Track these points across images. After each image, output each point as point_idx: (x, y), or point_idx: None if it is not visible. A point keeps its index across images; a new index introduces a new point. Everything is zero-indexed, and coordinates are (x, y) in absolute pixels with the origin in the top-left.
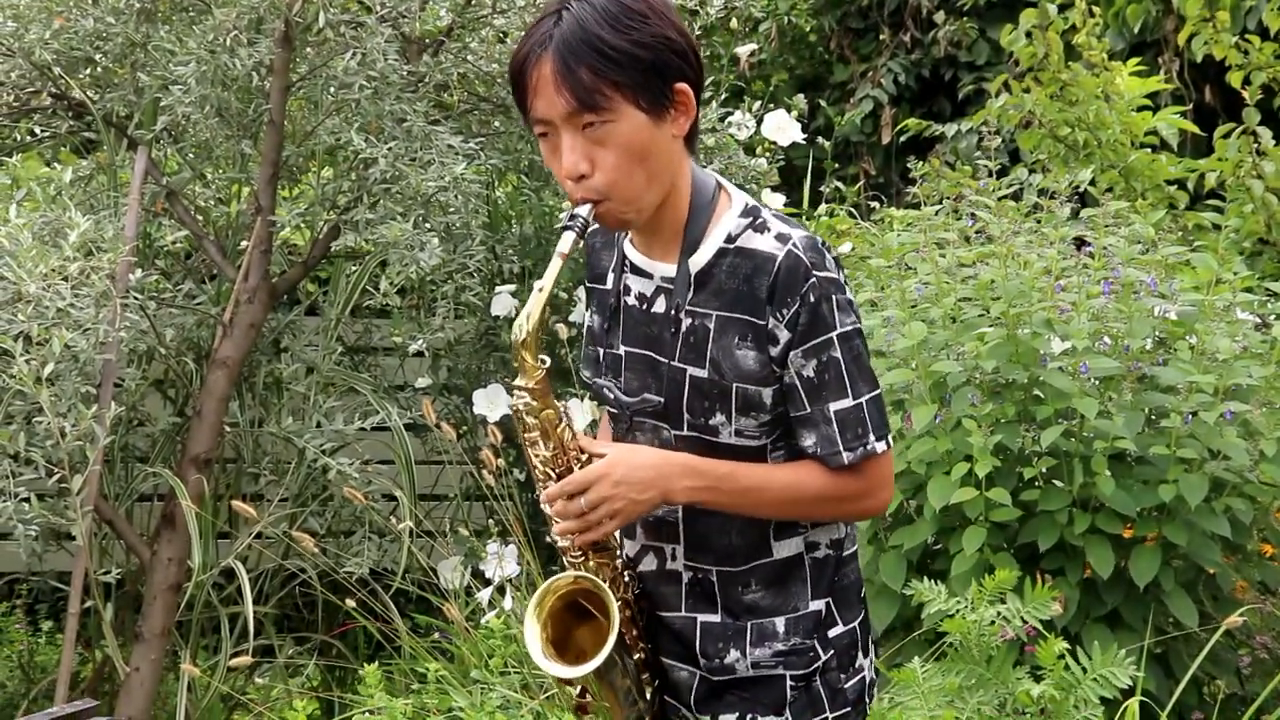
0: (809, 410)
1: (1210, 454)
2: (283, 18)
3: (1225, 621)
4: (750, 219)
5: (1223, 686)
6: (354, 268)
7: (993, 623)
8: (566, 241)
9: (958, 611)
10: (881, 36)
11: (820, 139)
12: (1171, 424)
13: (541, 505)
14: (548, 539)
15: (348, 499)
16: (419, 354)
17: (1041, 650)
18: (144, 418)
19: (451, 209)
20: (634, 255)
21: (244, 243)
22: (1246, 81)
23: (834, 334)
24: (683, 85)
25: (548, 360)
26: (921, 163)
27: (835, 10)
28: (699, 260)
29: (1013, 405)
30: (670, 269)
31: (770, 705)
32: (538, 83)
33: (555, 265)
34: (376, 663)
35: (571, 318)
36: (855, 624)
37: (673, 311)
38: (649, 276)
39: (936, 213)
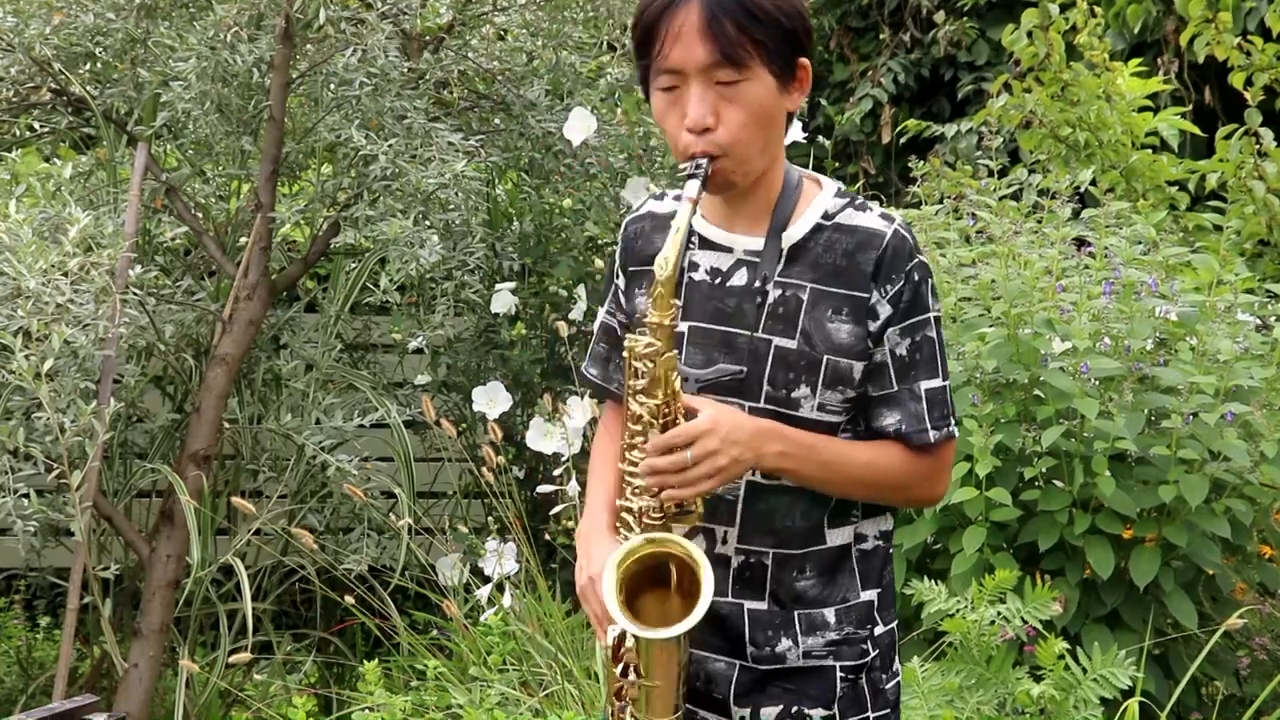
0: (896, 389)
1: (1211, 455)
2: (283, 14)
3: (1225, 623)
4: (848, 200)
5: (1222, 687)
6: (354, 264)
7: (992, 623)
8: (693, 188)
9: (958, 611)
10: (881, 36)
11: (820, 138)
12: (1172, 425)
13: (641, 462)
14: (624, 503)
15: (347, 496)
16: (418, 351)
17: (1041, 650)
18: (143, 414)
19: (451, 206)
20: (707, 230)
21: (244, 239)
22: (1248, 82)
23: (930, 315)
24: (804, 60)
25: (680, 303)
26: (922, 162)
27: (835, 9)
28: (794, 234)
29: (1013, 405)
30: (754, 242)
31: (818, 698)
32: (680, 30)
33: (683, 209)
34: (375, 659)
35: (571, 315)
36: (894, 625)
37: (758, 283)
38: (728, 250)
39: (937, 212)
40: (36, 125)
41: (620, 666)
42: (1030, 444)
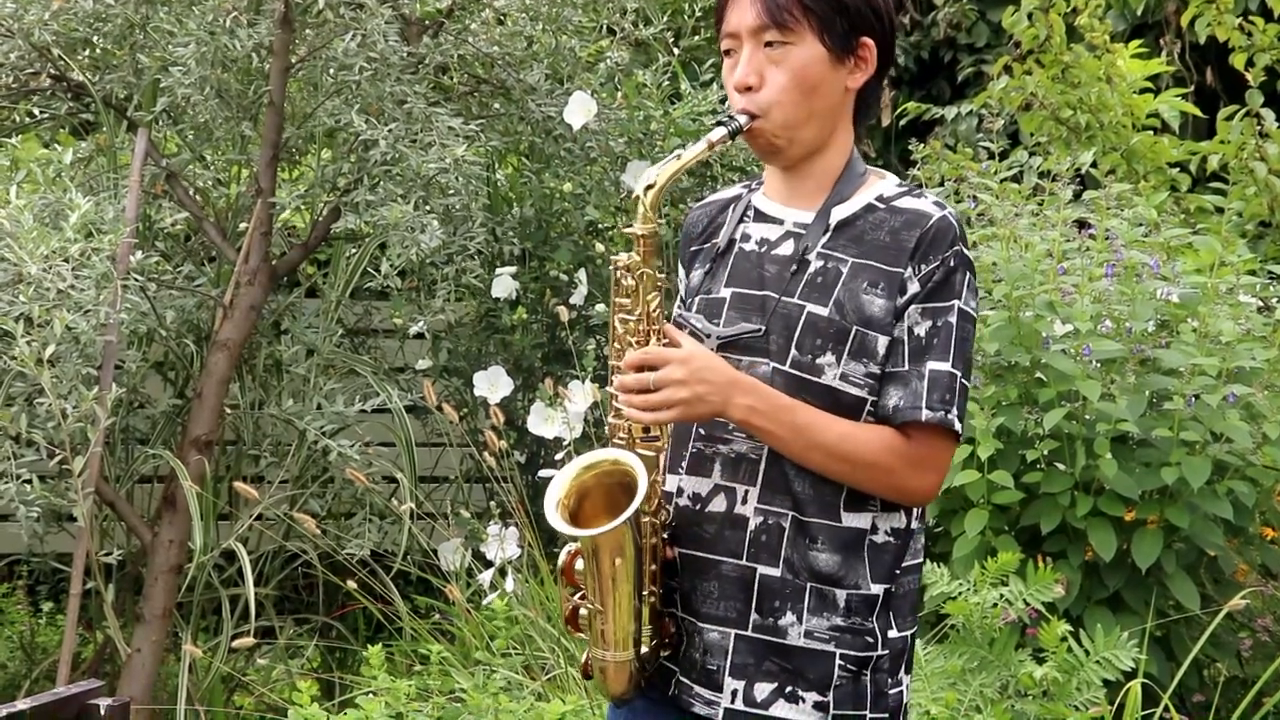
0: (907, 368)
1: (1213, 437)
2: None
3: (1227, 604)
4: (907, 188)
5: (1224, 669)
6: (354, 250)
7: (995, 605)
8: (716, 133)
9: (960, 594)
10: None
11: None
12: (1174, 406)
13: (613, 376)
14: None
15: (348, 481)
16: (419, 336)
17: (1044, 633)
18: (145, 400)
19: (452, 191)
20: (764, 204)
21: (244, 225)
22: (1249, 63)
23: (956, 303)
24: (868, 40)
25: (663, 223)
26: (922, 145)
27: None
28: (843, 210)
29: (1015, 388)
30: (805, 215)
31: (813, 683)
32: None
33: (698, 146)
34: (378, 644)
35: (572, 299)
36: (909, 634)
37: (801, 252)
38: (779, 222)
39: (938, 195)
40: (36, 111)
41: (571, 588)
42: (1032, 426)
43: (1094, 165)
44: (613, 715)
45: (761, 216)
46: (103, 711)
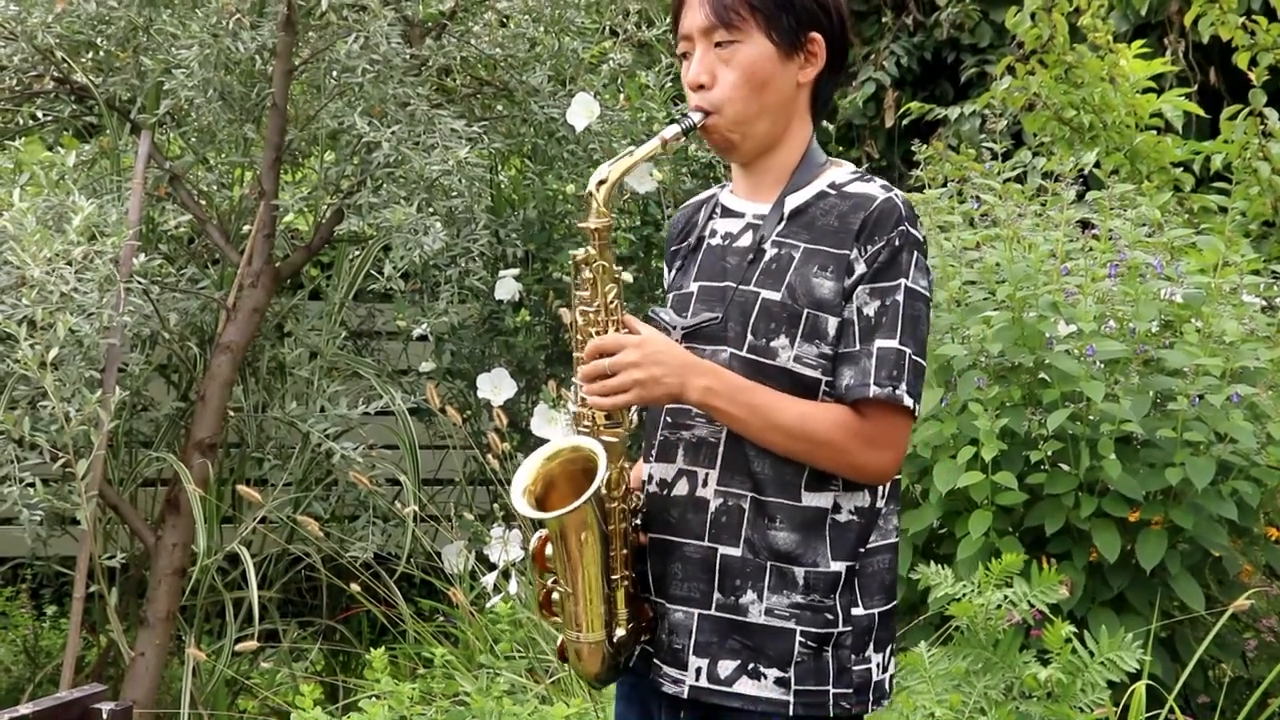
0: (857, 347)
1: (1217, 437)
2: (285, 1)
3: (1232, 605)
4: (859, 175)
5: (1229, 670)
6: (357, 252)
7: (999, 606)
8: (669, 130)
9: (964, 595)
10: (884, 19)
11: (824, 122)
12: (1178, 407)
13: (577, 367)
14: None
15: (352, 483)
16: (423, 338)
17: (1048, 634)
18: (148, 402)
19: (455, 193)
20: (729, 200)
21: (247, 227)
22: (1253, 63)
23: (904, 281)
24: (816, 35)
25: (614, 216)
26: (925, 146)
27: None
28: (797, 198)
29: (1019, 388)
30: (763, 207)
31: (774, 659)
32: (691, 1)
33: (652, 143)
34: (382, 648)
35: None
36: (876, 612)
37: (758, 242)
38: (740, 216)
39: (940, 196)
40: (40, 114)
41: (544, 574)
42: (1036, 427)
43: (1097, 165)
44: (618, 707)
45: (727, 212)
46: (105, 715)
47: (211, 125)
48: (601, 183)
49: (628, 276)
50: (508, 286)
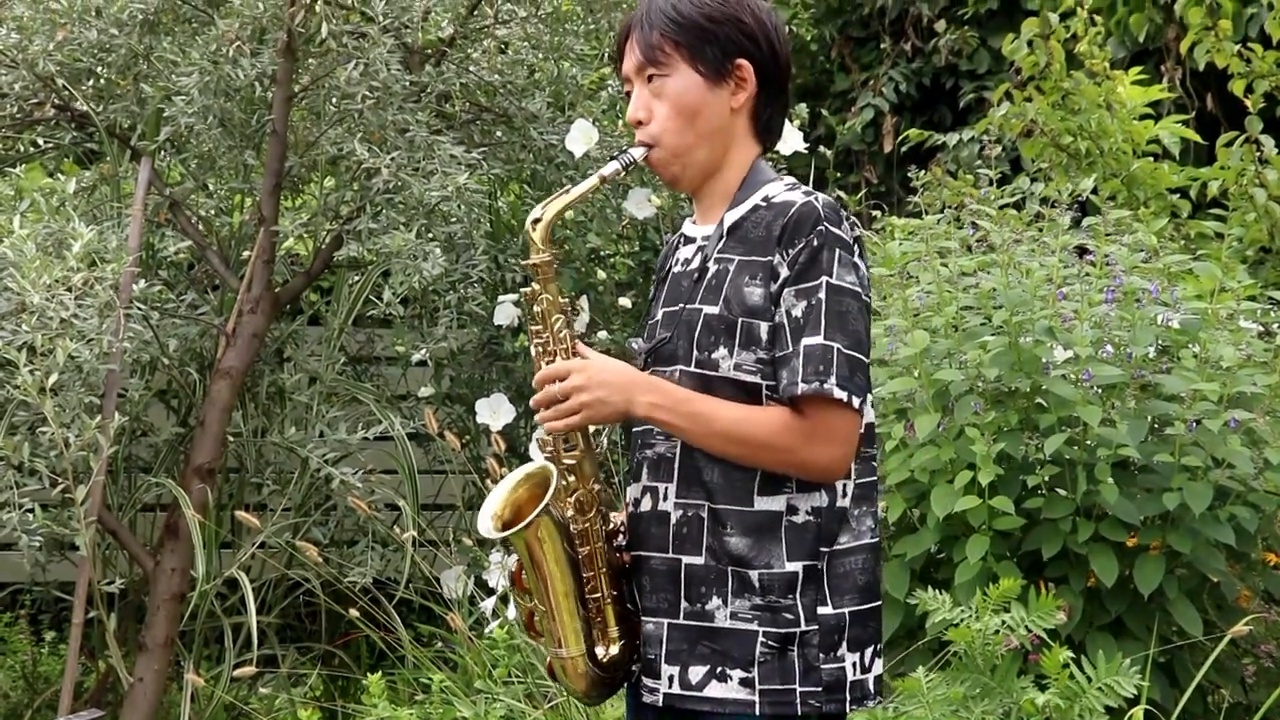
0: (790, 349)
1: (1214, 462)
2: (285, 28)
3: (1230, 630)
4: (791, 186)
5: (1227, 695)
6: (357, 277)
7: (997, 631)
8: (609, 167)
9: (962, 620)
10: (882, 45)
11: (822, 148)
12: (1175, 432)
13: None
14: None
15: (351, 509)
16: (422, 363)
17: (1046, 659)
18: (147, 428)
19: (454, 218)
20: (688, 228)
21: (247, 253)
22: (1249, 90)
23: (825, 279)
24: (743, 61)
25: (554, 252)
26: (923, 172)
27: (836, 19)
28: (734, 215)
29: (1015, 413)
30: (710, 229)
31: (738, 660)
32: (627, 45)
33: (590, 181)
34: (380, 673)
35: (576, 325)
36: (848, 611)
37: (702, 262)
38: (694, 241)
39: (938, 221)
40: (40, 141)
41: (522, 593)
42: (1033, 452)
43: (1094, 191)
44: (628, 717)
45: (687, 240)
46: None
47: (211, 152)
48: (536, 221)
49: (626, 301)
50: (506, 311)
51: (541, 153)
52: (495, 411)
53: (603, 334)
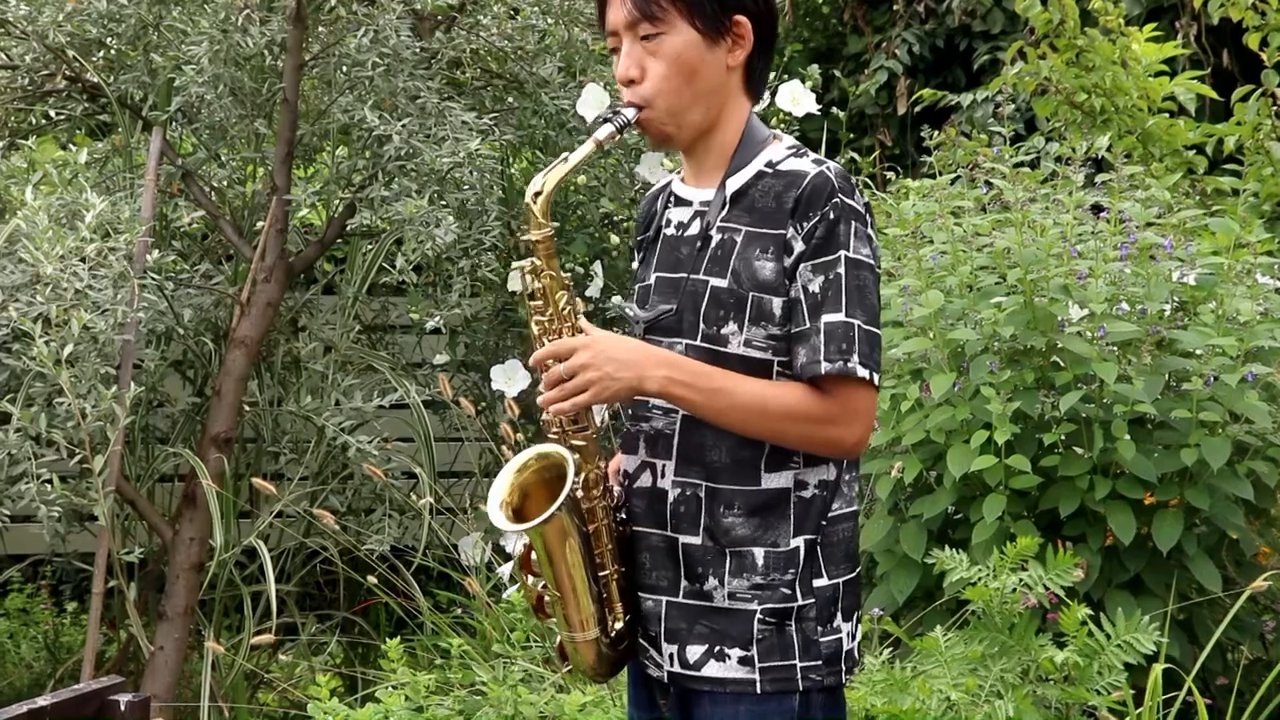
0: (807, 325)
1: (1232, 417)
2: None
3: (1249, 586)
4: (795, 150)
5: (1247, 652)
6: (370, 246)
7: (1014, 590)
8: (603, 131)
9: (979, 580)
10: (895, 7)
11: (835, 110)
12: (1193, 387)
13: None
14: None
15: (368, 476)
16: (436, 331)
17: (1064, 617)
18: (163, 398)
19: (466, 185)
20: (679, 188)
21: (260, 222)
22: (1264, 43)
23: (843, 254)
24: (741, 17)
25: (556, 224)
26: (937, 132)
27: None
28: (736, 181)
29: (1031, 371)
30: (709, 194)
31: (737, 640)
32: None
33: (586, 147)
34: (399, 639)
35: (588, 292)
36: (840, 581)
37: (704, 229)
38: (689, 204)
39: (953, 181)
40: (52, 113)
41: (530, 577)
42: (1049, 410)
43: (1109, 149)
44: (630, 689)
45: (678, 201)
46: (123, 707)
47: (223, 121)
48: (538, 194)
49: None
50: (521, 278)
51: (553, 118)
52: (510, 378)
53: (616, 299)
